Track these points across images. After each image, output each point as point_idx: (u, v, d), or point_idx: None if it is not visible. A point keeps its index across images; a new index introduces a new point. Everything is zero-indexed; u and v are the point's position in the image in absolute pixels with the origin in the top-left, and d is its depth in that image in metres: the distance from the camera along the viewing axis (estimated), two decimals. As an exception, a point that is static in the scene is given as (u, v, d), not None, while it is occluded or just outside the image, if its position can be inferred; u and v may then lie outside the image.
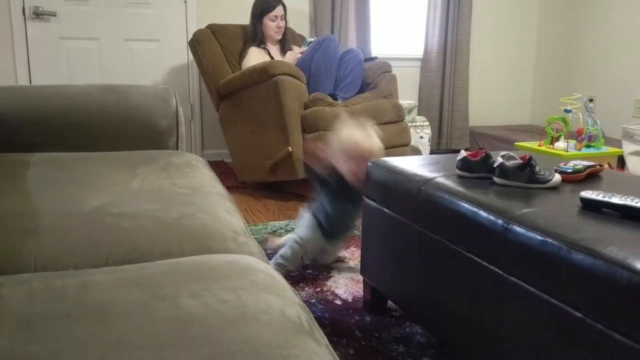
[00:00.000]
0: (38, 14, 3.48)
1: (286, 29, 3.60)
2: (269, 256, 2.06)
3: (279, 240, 2.23)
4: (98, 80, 3.68)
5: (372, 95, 3.39)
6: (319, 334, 0.74)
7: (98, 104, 1.83)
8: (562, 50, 4.61)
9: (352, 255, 2.28)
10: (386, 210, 1.60)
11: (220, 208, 1.26)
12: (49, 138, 1.76)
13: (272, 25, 3.46)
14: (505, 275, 1.14)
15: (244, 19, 3.65)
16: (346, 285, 1.99)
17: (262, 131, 3.12)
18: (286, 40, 3.61)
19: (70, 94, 1.83)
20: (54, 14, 3.52)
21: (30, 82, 3.55)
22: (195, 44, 3.42)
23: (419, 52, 4.55)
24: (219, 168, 3.82)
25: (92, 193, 1.26)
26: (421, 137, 3.92)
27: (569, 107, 3.25)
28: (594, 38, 4.30)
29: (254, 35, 3.50)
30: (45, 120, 1.76)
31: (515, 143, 3.51)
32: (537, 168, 1.35)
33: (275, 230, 2.58)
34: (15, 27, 3.46)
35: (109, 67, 3.73)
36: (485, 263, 1.19)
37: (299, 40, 3.76)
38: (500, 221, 1.16)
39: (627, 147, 3.31)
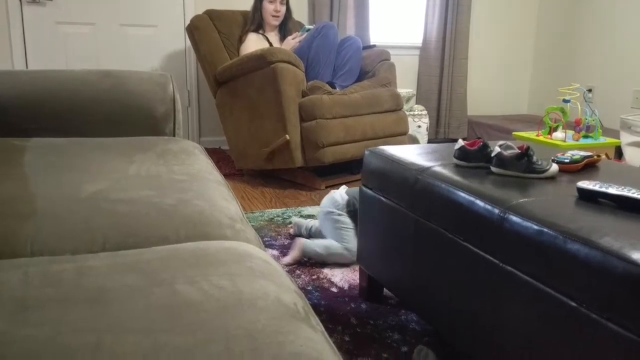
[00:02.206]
0: (35, -2, 3.46)
1: (287, 17, 3.58)
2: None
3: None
4: (94, 66, 3.66)
5: (370, 84, 3.38)
6: (315, 320, 0.74)
7: (94, 90, 1.82)
8: (561, 40, 4.60)
9: (348, 243, 2.28)
10: (383, 198, 1.60)
11: (217, 195, 1.26)
12: (45, 123, 1.75)
13: (269, 8, 3.45)
14: (501, 265, 1.14)
15: (243, 5, 3.63)
16: (342, 273, 1.99)
17: (259, 119, 3.11)
18: (287, 29, 3.59)
19: (67, 79, 1.82)
20: (50, -1, 3.50)
21: (27, 67, 3.53)
22: (193, 29, 3.40)
23: (418, 40, 4.54)
24: (216, 155, 3.82)
25: (88, 179, 1.25)
26: (419, 126, 3.92)
27: (567, 97, 3.25)
28: (593, 28, 4.29)
29: (253, 18, 3.50)
30: (42, 106, 1.76)
31: (513, 133, 3.50)
32: (534, 158, 1.35)
33: (272, 218, 2.59)
34: (12, 12, 3.44)
35: (106, 52, 3.71)
36: (481, 252, 1.20)
37: (297, 26, 3.74)
38: (496, 210, 1.16)
39: (625, 138, 3.31)
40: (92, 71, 1.90)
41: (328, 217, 2.14)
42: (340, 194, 2.20)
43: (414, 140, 3.89)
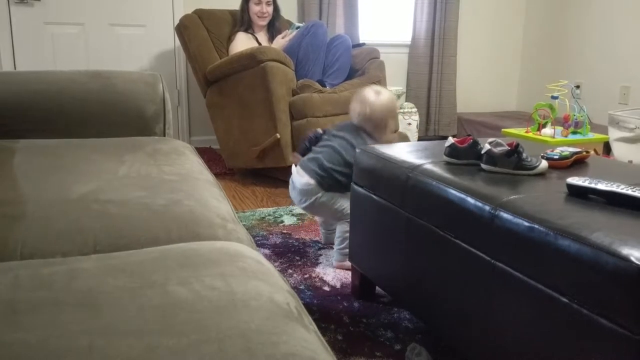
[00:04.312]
0: (22, -1, 3.43)
1: (275, 16, 3.57)
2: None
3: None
4: (83, 66, 3.64)
5: (360, 82, 3.38)
6: (308, 320, 0.74)
7: (84, 90, 1.81)
8: (549, 36, 4.62)
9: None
10: (374, 196, 1.60)
11: (208, 195, 1.26)
12: (34, 125, 1.74)
13: (255, 9, 3.45)
14: (493, 261, 1.14)
15: (232, 4, 3.62)
16: (334, 272, 1.99)
17: (249, 118, 3.11)
18: (275, 28, 3.59)
19: (56, 80, 1.81)
20: (38, -1, 3.47)
21: (15, 68, 3.50)
22: (182, 29, 3.39)
23: (407, 38, 4.54)
24: (207, 154, 3.80)
25: (78, 180, 1.25)
26: (409, 124, 3.92)
27: (555, 94, 3.26)
28: (581, 25, 4.31)
29: (241, 19, 3.50)
30: (30, 107, 1.74)
31: (503, 129, 3.52)
32: (524, 155, 1.36)
33: (263, 217, 2.58)
34: (-1, 12, 3.41)
35: (95, 52, 3.69)
36: (472, 249, 1.20)
37: (287, 25, 3.73)
38: (487, 207, 1.16)
39: (613, 134, 3.33)
40: (81, 72, 1.89)
41: (311, 207, 2.07)
42: (297, 177, 2.06)
43: (404, 138, 3.89)
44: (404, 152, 1.60)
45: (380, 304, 1.77)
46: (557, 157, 1.43)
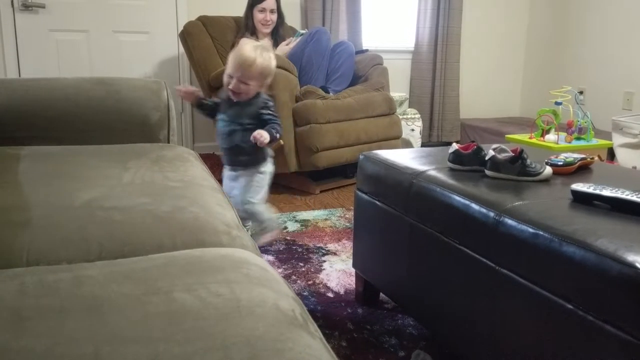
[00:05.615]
0: (27, 6, 3.45)
1: (279, 23, 3.58)
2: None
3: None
4: (87, 73, 3.65)
5: (363, 88, 3.39)
6: (313, 327, 0.74)
7: (88, 97, 1.81)
8: (552, 42, 4.62)
9: (344, 248, 2.29)
10: (378, 203, 1.60)
11: (213, 201, 1.26)
12: (39, 131, 1.75)
13: (259, 17, 3.46)
14: (497, 268, 1.14)
15: (235, 11, 3.63)
16: (338, 278, 1.99)
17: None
18: (279, 35, 3.60)
19: (60, 87, 1.82)
20: (42, 6, 3.48)
21: (20, 75, 3.51)
22: (186, 35, 3.40)
23: (410, 44, 4.55)
24: (210, 160, 3.80)
25: (83, 187, 1.25)
26: (412, 130, 3.92)
27: (559, 100, 3.26)
28: (584, 30, 4.31)
29: (246, 25, 3.51)
30: (35, 114, 1.75)
31: (506, 135, 3.52)
32: (528, 161, 1.36)
33: (267, 223, 2.58)
34: (4, 19, 3.43)
35: (99, 59, 3.70)
36: (477, 255, 1.20)
37: (290, 32, 3.74)
38: (491, 214, 1.16)
39: (617, 139, 3.32)
40: (85, 79, 1.90)
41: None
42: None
43: (407, 144, 3.90)
44: (408, 158, 1.60)
45: (384, 310, 1.76)
46: (561, 163, 1.43)
